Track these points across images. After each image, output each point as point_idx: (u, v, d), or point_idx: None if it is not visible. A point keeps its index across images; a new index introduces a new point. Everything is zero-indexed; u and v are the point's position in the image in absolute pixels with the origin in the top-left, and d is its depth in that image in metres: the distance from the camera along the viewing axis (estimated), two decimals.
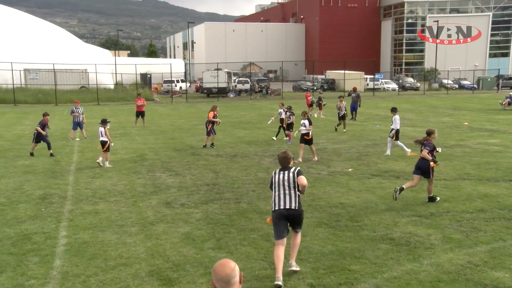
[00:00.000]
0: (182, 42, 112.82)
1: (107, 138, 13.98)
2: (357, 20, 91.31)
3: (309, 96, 30.57)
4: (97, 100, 42.22)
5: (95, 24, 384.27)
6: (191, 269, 6.63)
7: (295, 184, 6.33)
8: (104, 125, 14.11)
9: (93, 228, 8.43)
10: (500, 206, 9.28)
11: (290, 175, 6.37)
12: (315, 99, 29.80)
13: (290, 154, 6.58)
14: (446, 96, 48.20)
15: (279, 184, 6.41)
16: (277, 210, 6.34)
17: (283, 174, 6.45)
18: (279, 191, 6.39)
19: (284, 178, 6.39)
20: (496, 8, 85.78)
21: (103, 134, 14.03)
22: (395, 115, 15.33)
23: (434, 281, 6.11)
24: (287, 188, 6.34)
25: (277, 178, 6.47)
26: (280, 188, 6.39)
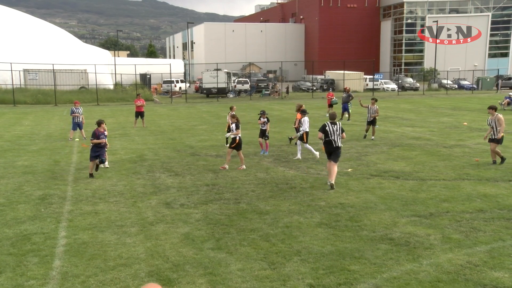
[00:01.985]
0: (181, 43, 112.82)
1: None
2: (357, 20, 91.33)
3: (331, 95, 29.41)
4: (96, 100, 42.21)
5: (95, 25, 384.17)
6: (191, 270, 6.63)
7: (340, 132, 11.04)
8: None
9: (93, 229, 8.43)
10: (500, 206, 9.29)
11: (338, 127, 11.07)
12: (337, 100, 29.07)
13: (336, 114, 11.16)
14: (446, 96, 48.22)
15: (333, 132, 10.95)
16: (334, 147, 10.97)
17: (334, 125, 11.03)
18: (333, 136, 10.96)
19: (335, 128, 11.00)
20: (496, 8, 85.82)
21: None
22: (304, 117, 14.93)
23: (433, 281, 6.11)
24: (337, 135, 10.98)
25: (331, 128, 10.99)
26: (334, 134, 10.95)
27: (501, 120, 13.29)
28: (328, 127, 10.96)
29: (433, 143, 17.46)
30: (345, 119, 26.18)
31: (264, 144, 15.89)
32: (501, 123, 13.25)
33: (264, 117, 15.60)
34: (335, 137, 10.93)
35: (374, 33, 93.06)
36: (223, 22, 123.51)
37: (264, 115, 15.63)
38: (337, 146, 10.98)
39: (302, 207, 9.56)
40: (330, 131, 10.94)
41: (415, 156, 14.93)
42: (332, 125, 11.00)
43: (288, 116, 29.12)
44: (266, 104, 40.57)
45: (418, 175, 12.23)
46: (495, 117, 13.37)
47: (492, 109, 13.57)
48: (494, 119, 13.38)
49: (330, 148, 11.02)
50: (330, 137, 10.94)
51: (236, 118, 13.82)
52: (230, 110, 17.59)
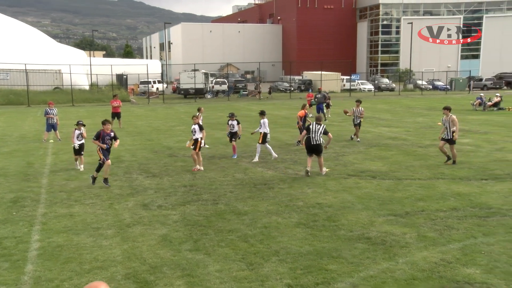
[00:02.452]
0: (158, 43, 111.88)
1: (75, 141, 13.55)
2: (334, 21, 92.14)
3: (311, 96, 29.65)
4: (71, 101, 41.50)
5: (69, 24, 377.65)
6: (168, 271, 6.58)
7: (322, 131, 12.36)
8: (80, 127, 13.78)
9: (68, 232, 8.28)
10: (472, 205, 9.49)
11: (321, 128, 12.41)
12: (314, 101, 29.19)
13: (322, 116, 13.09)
14: (421, 97, 49.06)
15: (315, 131, 12.30)
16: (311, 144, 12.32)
17: (318, 126, 12.41)
18: (313, 134, 12.29)
19: (318, 128, 12.35)
20: (467, 11, 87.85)
21: (80, 137, 13.65)
22: (264, 119, 14.65)
23: (409, 279, 6.21)
24: (318, 134, 12.31)
25: (315, 128, 12.37)
26: (315, 133, 12.29)
27: (455, 121, 13.45)
28: (313, 126, 12.41)
29: (409, 143, 17.73)
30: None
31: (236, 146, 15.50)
32: (455, 124, 13.40)
33: (233, 120, 15.03)
34: (315, 135, 12.27)
35: (351, 34, 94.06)
36: (201, 23, 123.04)
37: (233, 118, 15.02)
38: (315, 144, 12.28)
39: (280, 207, 9.58)
40: (313, 129, 12.34)
41: (391, 156, 15.14)
42: (317, 125, 12.41)
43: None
44: (244, 104, 40.57)
45: (395, 174, 12.40)
46: (449, 118, 13.52)
47: (446, 110, 13.71)
48: (448, 120, 13.52)
49: (309, 143, 12.38)
50: (310, 134, 12.31)
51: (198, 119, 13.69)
52: (198, 112, 17.42)
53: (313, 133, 12.32)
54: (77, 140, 13.60)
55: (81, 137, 13.73)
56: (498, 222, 8.38)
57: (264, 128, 14.57)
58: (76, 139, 13.64)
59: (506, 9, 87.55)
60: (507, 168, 12.85)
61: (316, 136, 12.29)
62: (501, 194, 10.26)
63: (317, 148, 12.37)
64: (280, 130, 22.20)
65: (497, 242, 7.43)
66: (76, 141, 13.62)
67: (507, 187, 10.85)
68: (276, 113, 31.50)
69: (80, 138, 13.71)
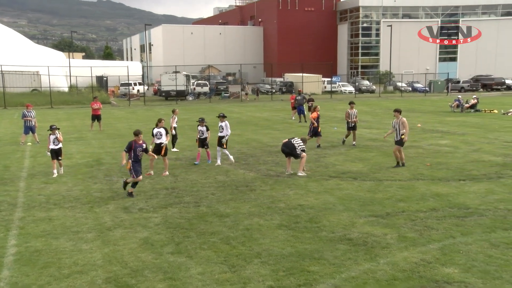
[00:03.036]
0: (139, 45, 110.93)
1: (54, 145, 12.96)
2: (314, 23, 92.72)
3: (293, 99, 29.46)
4: (50, 103, 40.86)
5: (47, 25, 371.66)
6: (150, 275, 6.52)
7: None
8: (55, 131, 13.02)
9: (46, 236, 8.14)
10: (451, 205, 9.65)
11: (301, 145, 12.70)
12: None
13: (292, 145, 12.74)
14: (401, 99, 49.72)
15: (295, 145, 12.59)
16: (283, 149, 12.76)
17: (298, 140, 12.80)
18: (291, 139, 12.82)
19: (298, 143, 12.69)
20: (444, 15, 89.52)
21: (56, 141, 13.01)
22: (224, 121, 14.17)
23: (390, 280, 6.28)
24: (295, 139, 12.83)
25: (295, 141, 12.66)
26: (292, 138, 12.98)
27: (405, 123, 13.36)
28: (294, 140, 12.78)
29: (389, 145, 17.92)
30: (301, 120, 26.54)
31: (205, 153, 14.69)
32: (405, 126, 13.32)
33: (202, 125, 14.21)
34: (292, 139, 12.73)
35: (332, 36, 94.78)
36: (182, 24, 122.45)
37: (202, 123, 14.20)
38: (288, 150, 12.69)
39: (262, 209, 9.59)
40: (293, 142, 12.68)
41: (372, 157, 15.30)
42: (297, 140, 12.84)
43: (248, 118, 29.19)
44: (226, 106, 40.51)
45: (375, 176, 12.53)
46: (400, 120, 13.48)
47: (397, 112, 13.68)
48: (399, 122, 13.50)
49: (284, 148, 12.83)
50: (288, 139, 12.83)
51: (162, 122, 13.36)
52: (173, 113, 17.13)
53: (291, 138, 12.99)
54: (53, 145, 12.98)
55: (57, 142, 13.13)
56: (475, 222, 8.54)
57: (226, 130, 14.15)
58: (52, 144, 13.05)
59: (481, 13, 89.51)
60: (483, 169, 13.11)
61: (293, 140, 12.79)
62: (478, 194, 10.46)
63: (292, 153, 12.67)
64: (262, 132, 22.23)
65: (475, 242, 7.57)
66: (51, 146, 13.00)
67: (483, 187, 11.07)
68: (258, 115, 31.55)
69: (57, 142, 13.10)
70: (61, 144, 13.23)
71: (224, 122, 14.16)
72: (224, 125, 14.13)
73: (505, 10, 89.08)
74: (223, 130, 14.14)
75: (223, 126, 14.13)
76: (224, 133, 14.14)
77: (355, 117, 17.79)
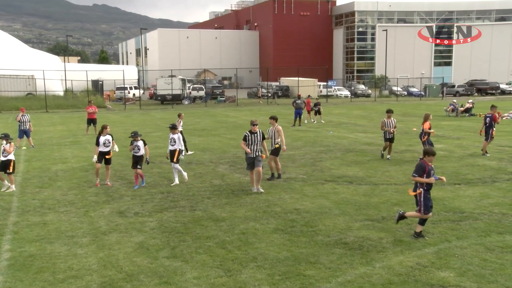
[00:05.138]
0: (135, 49, 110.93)
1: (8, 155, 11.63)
2: (310, 28, 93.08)
3: (310, 102, 30.36)
4: (45, 107, 40.73)
5: (42, 29, 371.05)
6: (145, 279, 6.49)
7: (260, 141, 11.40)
8: (8, 140, 11.71)
9: (41, 240, 8.10)
10: (446, 209, 9.68)
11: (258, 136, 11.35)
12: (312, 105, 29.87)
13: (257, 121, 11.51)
14: (396, 103, 49.87)
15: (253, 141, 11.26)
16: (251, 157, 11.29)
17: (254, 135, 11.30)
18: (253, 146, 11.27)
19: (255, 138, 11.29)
20: (438, 19, 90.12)
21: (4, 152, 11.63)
22: (176, 133, 12.42)
23: (385, 284, 6.28)
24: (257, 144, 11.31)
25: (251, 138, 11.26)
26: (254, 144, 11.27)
27: (281, 131, 12.58)
28: (249, 137, 11.30)
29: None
30: (295, 124, 26.59)
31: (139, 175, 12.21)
32: (280, 134, 12.53)
33: (137, 140, 12.02)
34: (254, 146, 11.28)
35: (327, 40, 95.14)
36: (177, 29, 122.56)
37: (137, 137, 12.01)
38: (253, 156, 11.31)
39: (258, 213, 9.59)
40: (251, 140, 11.30)
41: (367, 161, 15.33)
42: (253, 135, 11.29)
43: (243, 122, 29.19)
44: (221, 110, 40.52)
45: (371, 180, 12.56)
46: (275, 128, 12.63)
47: (273, 119, 12.71)
48: (274, 130, 12.64)
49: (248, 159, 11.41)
50: (249, 146, 11.29)
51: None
52: (178, 117, 17.38)
53: (252, 144, 11.25)
54: (2, 157, 11.65)
55: (6, 153, 11.61)
56: (470, 226, 8.57)
57: (179, 144, 12.44)
58: (1, 156, 11.69)
59: (475, 18, 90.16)
60: (478, 173, 13.16)
61: (255, 147, 11.26)
62: (473, 198, 10.50)
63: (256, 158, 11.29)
64: None
65: (470, 246, 7.59)
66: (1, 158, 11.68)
67: (478, 191, 11.11)
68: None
69: (5, 153, 11.61)
70: (10, 156, 11.67)
71: (177, 134, 12.43)
72: (176, 138, 12.35)
73: (499, 16, 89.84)
74: (175, 143, 12.32)
75: (175, 139, 12.33)
76: (176, 147, 12.33)
77: (394, 128, 15.52)
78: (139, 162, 11.97)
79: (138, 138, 12.04)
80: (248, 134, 11.33)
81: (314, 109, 29.21)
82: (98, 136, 12.32)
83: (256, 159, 11.29)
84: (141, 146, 12.06)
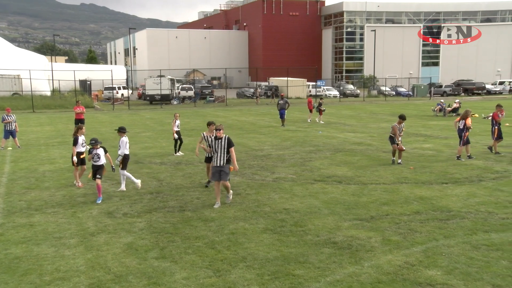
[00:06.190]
0: (123, 48, 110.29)
1: None
2: (299, 28, 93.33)
3: (312, 101, 30.71)
4: (32, 107, 40.32)
5: (28, 28, 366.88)
6: (134, 280, 6.46)
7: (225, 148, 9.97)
8: None
9: (27, 242, 8.01)
10: (434, 208, 9.77)
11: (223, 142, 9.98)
12: (315, 105, 30.03)
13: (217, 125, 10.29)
14: (385, 103, 50.19)
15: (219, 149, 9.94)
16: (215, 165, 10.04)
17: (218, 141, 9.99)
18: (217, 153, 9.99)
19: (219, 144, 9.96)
20: (426, 20, 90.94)
21: None
22: (123, 137, 11.61)
23: (374, 283, 6.31)
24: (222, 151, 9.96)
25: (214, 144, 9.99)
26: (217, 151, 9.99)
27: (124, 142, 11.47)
28: (212, 142, 9.99)
29: (374, 148, 18.10)
30: (283, 125, 26.62)
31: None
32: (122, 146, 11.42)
33: (97, 148, 10.91)
34: (218, 154, 9.89)
35: (316, 41, 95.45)
36: (166, 29, 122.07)
37: (97, 145, 10.88)
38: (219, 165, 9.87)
39: (247, 213, 9.58)
40: (213, 146, 9.96)
41: (356, 161, 15.40)
42: (217, 141, 9.92)
43: (233, 122, 29.17)
44: (211, 110, 40.45)
45: (360, 179, 12.62)
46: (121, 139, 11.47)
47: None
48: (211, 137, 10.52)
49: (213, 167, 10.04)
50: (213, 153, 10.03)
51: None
52: (174, 118, 17.40)
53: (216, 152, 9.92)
54: None
55: None
56: (457, 225, 8.65)
57: (123, 148, 11.50)
58: None
59: (461, 19, 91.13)
60: (465, 172, 13.29)
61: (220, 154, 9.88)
62: (460, 197, 10.60)
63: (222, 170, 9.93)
64: (247, 136, 22.23)
65: (457, 244, 7.66)
66: None
67: (465, 190, 11.22)
68: (243, 119, 31.55)
69: None
70: None
71: (123, 137, 11.56)
72: (120, 142, 11.56)
73: (485, 17, 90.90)
74: (120, 147, 11.55)
75: (119, 143, 11.60)
76: (120, 151, 11.50)
77: (401, 133, 15.03)
78: (98, 171, 10.81)
79: (98, 145, 10.93)
80: (212, 139, 10.10)
81: (320, 108, 29.19)
82: (76, 137, 12.22)
83: (223, 171, 9.88)
84: (101, 155, 10.88)
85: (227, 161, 9.92)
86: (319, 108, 29.13)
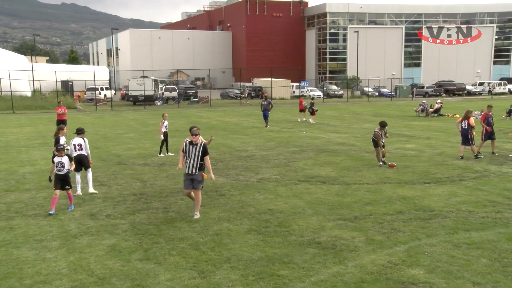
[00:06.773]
0: (106, 49, 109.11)
1: None
2: (283, 29, 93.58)
3: (303, 102, 30.68)
4: (12, 108, 39.64)
5: (7, 27, 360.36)
6: (117, 282, 6.39)
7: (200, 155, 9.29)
8: None
9: (7, 245, 7.87)
10: (416, 208, 9.88)
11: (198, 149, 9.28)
12: (307, 105, 30.00)
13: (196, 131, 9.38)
14: (368, 103, 50.63)
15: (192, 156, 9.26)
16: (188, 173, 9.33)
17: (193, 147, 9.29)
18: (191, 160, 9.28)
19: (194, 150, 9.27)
20: (408, 21, 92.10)
21: None
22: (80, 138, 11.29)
23: (358, 282, 6.36)
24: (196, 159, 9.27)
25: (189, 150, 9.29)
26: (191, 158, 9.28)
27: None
28: (187, 148, 9.26)
29: (357, 149, 18.23)
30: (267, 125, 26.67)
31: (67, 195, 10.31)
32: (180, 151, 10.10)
33: (62, 155, 9.91)
34: (192, 161, 9.18)
35: (300, 41, 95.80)
36: (149, 29, 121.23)
37: (62, 153, 9.93)
38: (192, 173, 9.18)
39: (232, 214, 9.57)
40: (188, 152, 9.23)
41: (340, 161, 15.50)
42: (191, 147, 9.22)
43: (217, 123, 29.11)
44: (194, 111, 40.29)
45: (343, 179, 12.70)
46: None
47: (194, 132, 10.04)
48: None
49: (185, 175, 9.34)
50: (186, 160, 9.30)
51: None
52: (162, 118, 17.29)
53: (190, 158, 9.22)
54: None
55: None
56: (439, 224, 8.77)
57: (86, 149, 11.32)
58: None
59: (442, 20, 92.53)
60: (446, 172, 13.49)
61: (193, 161, 9.19)
62: (441, 197, 10.75)
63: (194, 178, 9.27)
64: (231, 137, 22.20)
65: (439, 243, 7.77)
66: None
67: (447, 190, 11.38)
68: (227, 120, 31.51)
69: None
70: None
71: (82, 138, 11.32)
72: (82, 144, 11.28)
73: (464, 19, 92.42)
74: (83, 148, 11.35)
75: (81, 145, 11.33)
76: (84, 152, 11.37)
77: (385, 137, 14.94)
78: (66, 180, 9.91)
79: (63, 153, 9.97)
80: (187, 144, 9.31)
81: (313, 108, 29.25)
82: (58, 137, 12.02)
83: (195, 179, 9.22)
84: (65, 163, 9.91)
85: (199, 169, 9.19)
86: (312, 109, 29.26)
